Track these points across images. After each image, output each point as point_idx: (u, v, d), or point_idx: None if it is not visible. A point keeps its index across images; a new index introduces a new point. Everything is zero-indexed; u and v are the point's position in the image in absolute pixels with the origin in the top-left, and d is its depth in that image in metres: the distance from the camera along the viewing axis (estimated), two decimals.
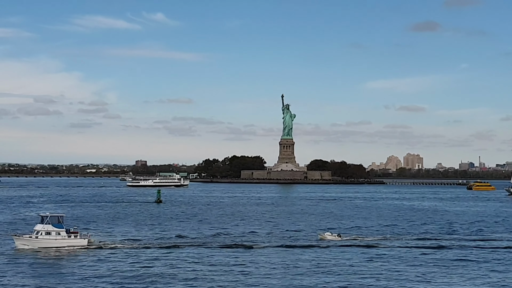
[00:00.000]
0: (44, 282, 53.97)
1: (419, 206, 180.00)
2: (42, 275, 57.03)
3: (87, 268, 61.05)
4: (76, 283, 53.93)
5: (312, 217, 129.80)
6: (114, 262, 64.57)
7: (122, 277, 56.92)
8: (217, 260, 67.21)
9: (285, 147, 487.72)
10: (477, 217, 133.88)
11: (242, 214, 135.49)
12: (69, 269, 60.18)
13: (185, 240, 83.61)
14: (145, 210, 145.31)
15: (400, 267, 63.97)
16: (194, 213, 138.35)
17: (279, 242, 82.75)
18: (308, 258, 69.54)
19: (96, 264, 63.07)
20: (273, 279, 56.90)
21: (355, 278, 57.99)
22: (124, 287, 52.67)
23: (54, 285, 52.67)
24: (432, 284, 55.94)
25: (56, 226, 74.05)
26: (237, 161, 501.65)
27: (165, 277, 57.11)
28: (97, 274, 58.01)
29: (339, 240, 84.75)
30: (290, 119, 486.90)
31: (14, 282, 54.30)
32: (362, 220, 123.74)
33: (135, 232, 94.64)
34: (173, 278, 57.01)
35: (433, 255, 72.84)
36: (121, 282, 54.72)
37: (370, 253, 73.68)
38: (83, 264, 63.18)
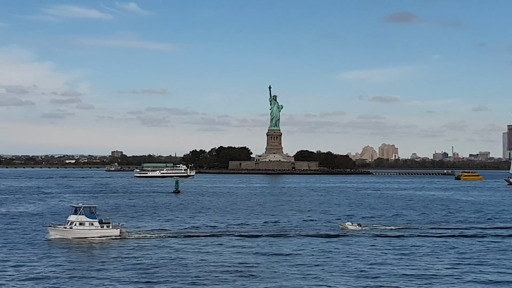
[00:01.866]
0: (79, 272, 54.40)
1: (429, 195, 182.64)
2: (77, 265, 57.41)
3: (121, 257, 61.42)
4: (110, 272, 54.30)
5: (329, 207, 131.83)
6: (146, 251, 65.13)
7: (155, 266, 57.36)
8: (251, 248, 68.36)
9: (273, 138, 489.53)
10: (488, 206, 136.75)
11: (261, 205, 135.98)
12: (103, 259, 60.52)
13: (218, 230, 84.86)
14: (166, 200, 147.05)
15: (430, 256, 64.85)
16: (215, 203, 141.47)
17: (308, 231, 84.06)
18: (343, 248, 70.56)
19: (129, 254, 63.37)
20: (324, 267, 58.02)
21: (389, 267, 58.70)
22: (158, 276, 52.93)
23: (89, 275, 53.11)
24: (465, 272, 56.53)
25: (89, 216, 74.79)
26: (224, 152, 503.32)
27: (200, 266, 57.60)
28: (131, 263, 58.46)
29: (360, 229, 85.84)
30: (278, 110, 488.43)
31: (49, 272, 54.61)
32: (377, 210, 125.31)
33: (163, 222, 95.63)
34: (207, 266, 57.52)
35: (463, 244, 73.85)
36: (154, 271, 55.04)
37: (396, 243, 74.37)
38: (117, 254, 63.61)
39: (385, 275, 53.90)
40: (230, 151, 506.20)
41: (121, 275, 53.03)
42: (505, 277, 53.72)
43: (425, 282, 51.60)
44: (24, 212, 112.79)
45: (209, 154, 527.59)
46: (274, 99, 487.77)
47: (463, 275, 54.54)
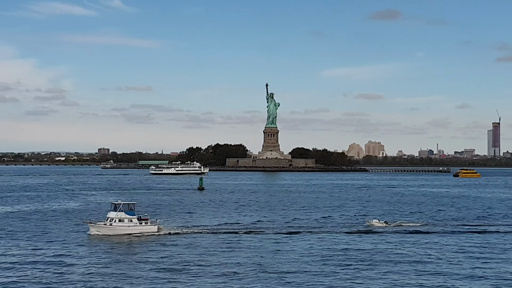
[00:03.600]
0: (121, 267, 55.00)
1: (442, 192, 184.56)
2: (118, 261, 58.08)
3: (160, 253, 61.97)
4: (150, 268, 54.78)
5: (351, 203, 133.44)
6: (184, 247, 65.82)
7: (193, 262, 57.77)
8: (292, 245, 69.34)
9: (270, 135, 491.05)
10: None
11: (288, 201, 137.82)
12: (143, 255, 61.01)
13: (254, 226, 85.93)
14: (193, 197, 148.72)
15: (459, 252, 65.53)
16: (242, 199, 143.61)
17: (335, 228, 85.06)
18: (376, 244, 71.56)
19: (167, 250, 63.89)
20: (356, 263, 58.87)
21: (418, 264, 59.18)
22: (196, 272, 53.19)
23: (129, 271, 53.64)
24: (491, 266, 57.48)
25: (128, 213, 76.11)
26: (221, 149, 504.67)
27: (237, 262, 58.02)
28: (169, 259, 59.00)
29: (386, 226, 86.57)
30: (275, 108, 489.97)
31: (90, 268, 55.07)
32: (397, 206, 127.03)
33: (196, 218, 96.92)
34: (246, 263, 57.87)
35: (490, 240, 74.74)
36: (192, 267, 55.39)
37: (424, 239, 75.09)
38: (156, 250, 64.26)
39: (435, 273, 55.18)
40: (226, 148, 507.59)
41: (160, 271, 53.58)
42: None
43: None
44: (62, 208, 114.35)
45: (206, 151, 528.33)
46: (271, 97, 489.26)
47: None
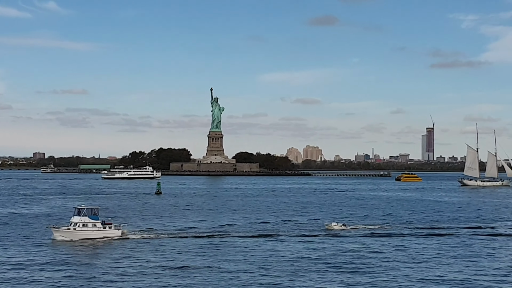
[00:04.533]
0: (85, 272, 54.65)
1: (394, 196, 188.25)
2: (82, 265, 57.65)
3: (124, 258, 61.90)
4: (114, 273, 54.60)
5: (307, 207, 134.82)
6: (149, 251, 66.09)
7: (157, 265, 57.94)
8: (248, 248, 70.00)
9: (214, 140, 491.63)
10: (459, 206, 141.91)
11: (247, 205, 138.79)
12: (107, 259, 60.80)
13: (214, 230, 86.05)
14: (152, 201, 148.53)
15: (416, 254, 66.92)
16: (204, 203, 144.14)
17: (296, 231, 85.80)
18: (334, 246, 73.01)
19: (131, 254, 63.73)
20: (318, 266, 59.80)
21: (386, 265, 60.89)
22: (161, 276, 53.31)
23: (94, 275, 53.46)
24: (446, 268, 58.68)
25: (92, 218, 75.83)
26: (165, 154, 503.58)
27: (201, 266, 58.15)
28: (133, 263, 58.97)
29: (345, 229, 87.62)
30: (219, 112, 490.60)
31: (55, 273, 54.68)
32: (353, 209, 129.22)
33: (159, 222, 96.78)
34: (209, 267, 57.97)
35: (445, 242, 76.35)
36: (157, 271, 55.46)
37: (381, 241, 76.44)
38: (120, 254, 64.10)
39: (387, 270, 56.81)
40: (170, 152, 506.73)
41: (125, 275, 53.45)
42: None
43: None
44: (22, 213, 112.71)
45: (149, 155, 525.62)
46: (216, 101, 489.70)
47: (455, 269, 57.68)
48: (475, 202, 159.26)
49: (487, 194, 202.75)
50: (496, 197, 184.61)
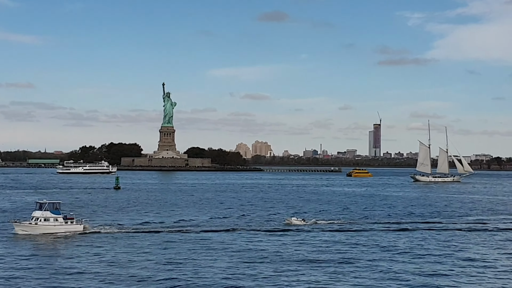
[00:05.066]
0: (47, 267, 54.28)
1: (351, 191, 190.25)
2: (44, 260, 57.21)
3: (87, 252, 61.69)
4: (76, 268, 54.33)
5: (266, 202, 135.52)
6: (110, 246, 65.91)
7: (119, 260, 57.69)
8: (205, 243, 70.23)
9: (166, 135, 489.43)
10: (415, 201, 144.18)
11: (204, 201, 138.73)
12: (69, 254, 60.48)
13: (179, 225, 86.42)
14: (112, 196, 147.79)
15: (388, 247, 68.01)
16: (164, 198, 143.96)
17: (257, 226, 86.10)
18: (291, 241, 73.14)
19: (94, 248, 63.42)
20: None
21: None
22: (124, 270, 53.13)
23: (56, 269, 53.19)
24: (404, 262, 59.20)
25: (53, 212, 75.29)
26: (115, 148, 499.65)
27: (164, 260, 58.16)
28: (95, 258, 58.78)
29: (304, 224, 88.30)
30: (171, 107, 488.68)
31: (16, 267, 54.35)
32: (310, 204, 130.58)
33: (119, 217, 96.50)
34: (173, 261, 57.87)
35: (404, 236, 77.44)
36: (118, 265, 55.23)
37: (340, 236, 77.40)
38: (81, 249, 63.81)
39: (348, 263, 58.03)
40: (121, 147, 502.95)
41: (87, 270, 53.27)
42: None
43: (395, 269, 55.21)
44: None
45: (99, 150, 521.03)
46: (168, 96, 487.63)
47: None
48: (430, 197, 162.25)
49: (440, 189, 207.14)
50: (449, 192, 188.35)
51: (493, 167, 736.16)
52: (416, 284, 49.41)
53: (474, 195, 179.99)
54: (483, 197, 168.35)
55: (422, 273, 53.72)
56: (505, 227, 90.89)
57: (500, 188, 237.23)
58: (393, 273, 53.64)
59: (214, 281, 49.50)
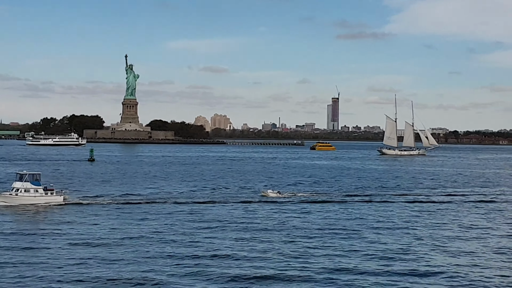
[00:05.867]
0: (28, 238, 54.14)
1: (320, 164, 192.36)
2: (25, 232, 57.00)
3: (68, 223, 61.71)
4: (58, 238, 54.26)
5: (240, 175, 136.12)
6: (92, 217, 66.38)
7: (100, 232, 57.72)
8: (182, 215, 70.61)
9: (129, 107, 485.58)
10: (387, 174, 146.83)
11: (182, 173, 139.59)
12: (50, 225, 60.30)
13: (155, 197, 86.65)
14: (88, 168, 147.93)
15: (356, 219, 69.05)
16: (134, 170, 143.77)
17: (235, 198, 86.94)
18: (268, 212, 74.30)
19: (75, 220, 63.35)
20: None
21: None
22: (105, 242, 53.08)
23: (38, 241, 53.13)
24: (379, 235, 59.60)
25: (34, 183, 75.12)
26: (77, 120, 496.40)
27: (143, 232, 58.07)
28: (76, 229, 58.71)
29: (280, 196, 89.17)
30: (134, 79, 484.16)
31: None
32: (282, 177, 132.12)
33: (97, 188, 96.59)
34: (153, 232, 57.87)
35: (379, 209, 78.61)
36: (99, 237, 55.07)
37: (316, 207, 78.43)
38: (64, 220, 63.89)
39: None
40: (83, 119, 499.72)
41: (69, 241, 53.23)
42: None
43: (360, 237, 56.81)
44: None
45: (61, 122, 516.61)
46: (130, 68, 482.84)
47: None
48: (400, 170, 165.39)
49: (407, 162, 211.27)
50: (418, 165, 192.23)
51: (450, 140, 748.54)
52: (393, 250, 50.87)
53: (442, 167, 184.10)
54: (452, 170, 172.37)
55: (396, 241, 55.14)
56: (471, 199, 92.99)
57: (466, 160, 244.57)
58: (368, 241, 54.98)
59: (200, 250, 49.97)
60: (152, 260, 45.98)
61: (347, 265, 45.48)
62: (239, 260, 46.40)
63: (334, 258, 47.62)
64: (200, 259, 46.48)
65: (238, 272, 42.80)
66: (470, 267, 45.66)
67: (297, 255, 48.45)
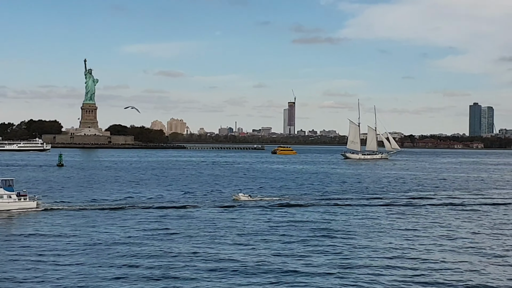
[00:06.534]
0: (1, 245, 53.39)
1: (285, 169, 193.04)
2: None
3: (42, 229, 61.18)
4: (31, 244, 53.77)
5: (208, 179, 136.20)
6: (65, 222, 66.14)
7: (72, 237, 57.10)
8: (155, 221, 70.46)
9: (88, 112, 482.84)
10: (357, 178, 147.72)
11: (149, 177, 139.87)
12: (24, 231, 59.70)
13: (127, 202, 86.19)
14: (58, 173, 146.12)
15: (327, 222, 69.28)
16: (109, 176, 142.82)
17: (207, 202, 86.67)
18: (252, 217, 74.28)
19: (49, 226, 62.77)
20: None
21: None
22: (78, 248, 52.49)
23: (11, 247, 52.43)
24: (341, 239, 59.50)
25: (6, 189, 74.38)
26: (35, 125, 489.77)
27: (115, 237, 57.54)
28: (49, 235, 58.19)
29: (251, 200, 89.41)
30: (93, 84, 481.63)
31: None
32: (249, 181, 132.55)
33: (69, 193, 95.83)
34: (127, 238, 57.19)
35: (347, 212, 78.92)
36: (72, 243, 54.49)
37: (285, 211, 78.63)
38: (37, 225, 63.46)
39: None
40: (41, 124, 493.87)
41: (43, 246, 52.79)
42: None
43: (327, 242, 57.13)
44: None
45: (19, 127, 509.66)
46: (90, 73, 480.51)
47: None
48: (367, 174, 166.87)
49: (373, 166, 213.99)
50: (383, 169, 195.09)
51: (407, 144, 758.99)
52: (359, 246, 51.44)
53: (407, 171, 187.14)
54: (418, 173, 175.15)
55: (373, 244, 55.52)
56: (434, 202, 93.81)
57: (427, 164, 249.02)
58: (342, 244, 55.24)
59: (175, 253, 49.85)
60: (121, 268, 45.11)
61: (317, 267, 45.60)
62: (207, 264, 46.12)
63: (305, 260, 47.81)
64: (167, 266, 45.76)
65: (205, 276, 42.72)
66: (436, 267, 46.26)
67: (272, 258, 48.44)
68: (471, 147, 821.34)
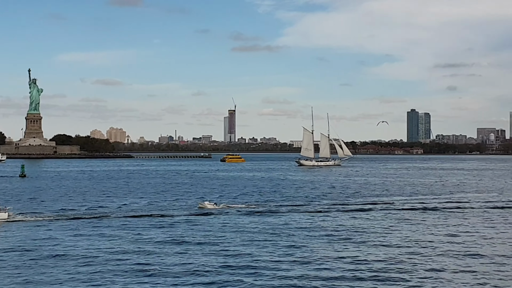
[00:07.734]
0: None
1: (241, 176, 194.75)
2: None
3: (14, 240, 60.58)
4: (4, 255, 53.01)
5: (169, 188, 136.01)
6: (38, 233, 65.54)
7: (45, 248, 56.53)
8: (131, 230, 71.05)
9: (33, 122, 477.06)
10: (313, 185, 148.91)
11: (117, 187, 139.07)
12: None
13: (99, 211, 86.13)
14: (22, 184, 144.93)
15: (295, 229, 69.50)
16: (72, 186, 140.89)
17: (172, 211, 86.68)
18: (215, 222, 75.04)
19: (22, 237, 62.13)
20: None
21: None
22: (50, 258, 52.01)
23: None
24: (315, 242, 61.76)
25: None
26: None
27: (90, 248, 57.07)
28: (21, 247, 57.21)
29: (217, 208, 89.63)
30: (38, 94, 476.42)
31: None
32: (211, 189, 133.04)
33: (38, 204, 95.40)
34: (99, 249, 56.35)
35: (311, 219, 79.26)
36: (45, 254, 53.83)
37: (249, 218, 79.00)
38: (9, 236, 62.92)
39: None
40: None
41: (16, 257, 52.35)
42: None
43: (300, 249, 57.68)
44: None
45: None
46: (34, 82, 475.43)
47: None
48: (323, 180, 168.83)
49: (326, 173, 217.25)
50: (337, 175, 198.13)
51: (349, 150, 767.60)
52: (334, 258, 52.12)
53: (363, 177, 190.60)
54: (373, 179, 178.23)
55: (339, 250, 56.40)
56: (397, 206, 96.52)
57: (379, 170, 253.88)
58: (309, 251, 55.23)
59: (138, 265, 49.35)
60: (90, 277, 45.13)
61: (285, 273, 45.72)
62: (173, 277, 45.55)
63: (275, 267, 48.02)
64: (135, 275, 45.72)
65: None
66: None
67: (242, 266, 48.64)
68: (411, 153, 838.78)
